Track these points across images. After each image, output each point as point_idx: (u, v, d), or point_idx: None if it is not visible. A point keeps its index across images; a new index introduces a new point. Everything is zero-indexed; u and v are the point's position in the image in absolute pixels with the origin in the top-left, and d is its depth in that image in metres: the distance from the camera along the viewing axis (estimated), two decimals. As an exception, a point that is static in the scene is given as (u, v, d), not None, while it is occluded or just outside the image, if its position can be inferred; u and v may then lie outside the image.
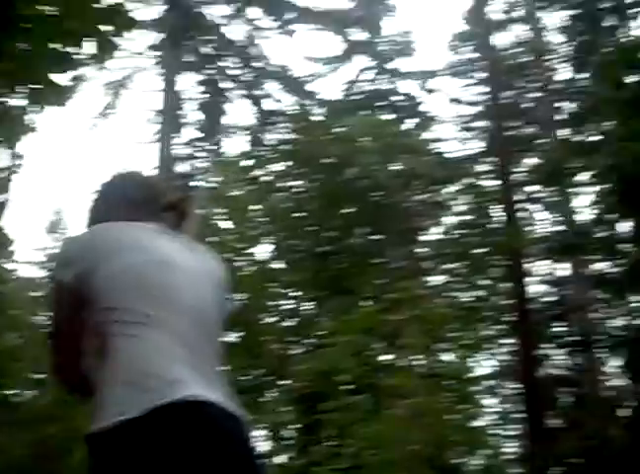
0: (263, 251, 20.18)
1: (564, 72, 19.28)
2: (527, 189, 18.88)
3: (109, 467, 1.75)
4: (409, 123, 21.24)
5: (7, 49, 2.58)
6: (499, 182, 11.86)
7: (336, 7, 18.72)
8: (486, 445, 13.61)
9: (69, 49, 2.52)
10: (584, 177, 16.38)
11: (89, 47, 2.60)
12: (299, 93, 18.38)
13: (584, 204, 17.49)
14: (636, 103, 12.09)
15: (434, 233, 19.45)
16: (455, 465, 11.69)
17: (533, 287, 18.59)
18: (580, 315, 17.44)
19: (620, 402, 16.43)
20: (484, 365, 19.01)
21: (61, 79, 2.77)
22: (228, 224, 20.10)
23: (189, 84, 17.86)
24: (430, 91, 21.96)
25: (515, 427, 18.26)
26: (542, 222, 18.67)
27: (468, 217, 19.09)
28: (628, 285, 13.98)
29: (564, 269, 18.69)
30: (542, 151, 18.11)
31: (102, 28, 2.59)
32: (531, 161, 19.00)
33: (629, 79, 13.20)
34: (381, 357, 13.34)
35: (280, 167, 19.38)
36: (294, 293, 18.72)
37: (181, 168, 17.26)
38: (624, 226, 14.59)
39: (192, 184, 17.65)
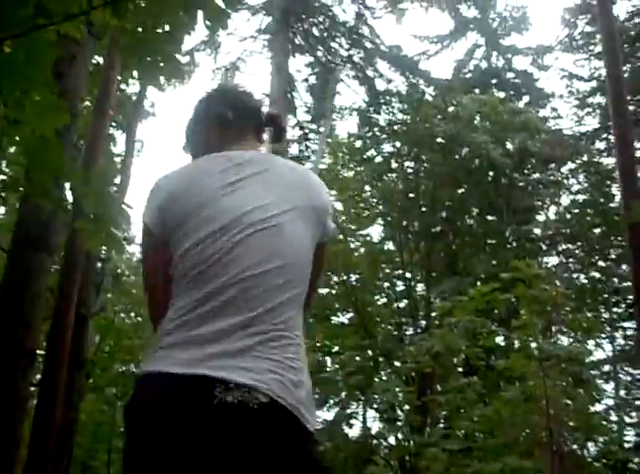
0: (375, 232, 20.18)
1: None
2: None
3: None
4: (523, 101, 20.75)
5: (122, 27, 2.64)
6: (618, 159, 11.41)
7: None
8: (604, 431, 13.23)
9: (184, 22, 2.55)
10: None
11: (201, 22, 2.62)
12: (411, 72, 18.20)
13: None
14: None
15: (550, 212, 18.98)
16: (572, 450, 11.41)
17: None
18: None
19: None
20: (602, 349, 18.50)
21: (179, 56, 2.80)
22: (340, 206, 20.18)
23: (299, 66, 17.98)
24: (544, 67, 21.39)
25: (633, 414, 17.70)
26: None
27: (586, 196, 18.54)
28: None
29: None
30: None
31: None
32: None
33: None
34: (496, 339, 13.14)
35: (391, 148, 19.29)
36: (408, 274, 18.62)
37: (293, 150, 17.40)
38: None
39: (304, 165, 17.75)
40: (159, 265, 1.96)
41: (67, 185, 3.80)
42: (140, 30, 2.71)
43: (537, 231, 17.90)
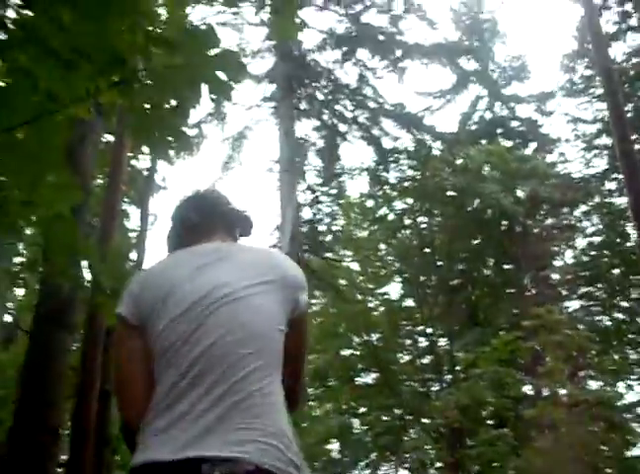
0: (393, 289, 20.15)
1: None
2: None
3: None
4: (530, 148, 20.88)
5: (129, 105, 2.73)
6: (630, 198, 11.42)
7: (444, 40, 18.68)
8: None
9: (190, 97, 2.64)
10: None
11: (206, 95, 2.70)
12: (416, 128, 18.38)
13: None
14: None
15: (567, 257, 18.91)
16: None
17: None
18: None
19: None
20: (633, 391, 18.20)
21: (187, 129, 2.88)
22: (356, 266, 20.20)
23: (306, 131, 18.18)
24: (548, 113, 21.57)
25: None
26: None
27: (601, 237, 18.49)
28: None
29: None
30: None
31: (217, 74, 2.69)
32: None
33: None
34: (523, 388, 13.01)
35: (403, 204, 19.39)
36: (429, 330, 18.55)
37: (305, 214, 17.50)
38: None
39: (318, 228, 17.84)
40: (133, 353, 2.01)
41: (84, 262, 3.87)
42: (147, 107, 2.80)
43: (556, 276, 17.82)
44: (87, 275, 4.27)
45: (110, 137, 9.13)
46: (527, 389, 14.12)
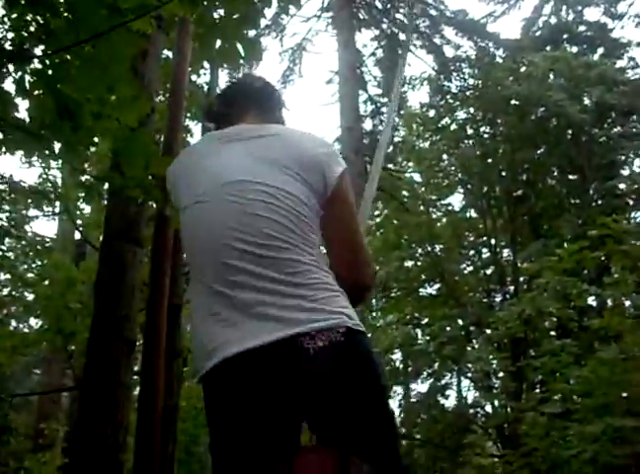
0: (456, 200, 20.04)
1: None
2: None
3: None
4: (598, 54, 20.16)
5: (198, 17, 2.71)
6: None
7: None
8: None
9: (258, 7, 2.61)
10: None
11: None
12: (478, 36, 17.88)
13: None
14: None
15: (635, 166, 18.45)
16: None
17: None
18: None
19: None
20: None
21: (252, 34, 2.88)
22: (418, 177, 20.07)
23: (365, 41, 17.87)
24: (618, 16, 20.72)
25: None
26: None
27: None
28: None
29: None
30: None
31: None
32: None
33: None
34: (588, 299, 12.92)
35: (465, 114, 19.06)
36: (492, 241, 18.45)
37: (366, 125, 17.33)
38: None
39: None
40: None
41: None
42: (216, 17, 2.78)
43: (622, 186, 17.44)
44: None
45: (169, 53, 9.09)
46: (592, 300, 14.03)
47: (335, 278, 1.98)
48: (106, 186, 5.91)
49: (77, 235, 15.16)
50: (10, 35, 2.96)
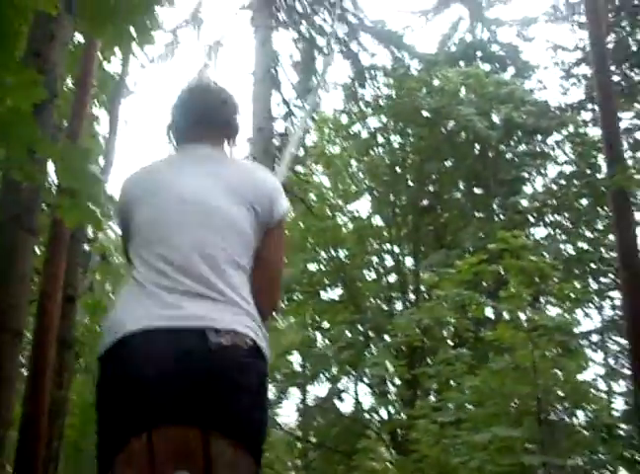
0: (363, 207, 20.18)
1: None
2: (636, 136, 18.25)
3: None
4: (508, 73, 20.68)
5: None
6: (603, 130, 11.44)
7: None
8: (593, 400, 13.34)
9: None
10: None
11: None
12: (395, 46, 18.08)
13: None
14: None
15: (537, 184, 18.98)
16: (561, 419, 11.49)
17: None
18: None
19: None
20: (591, 319, 18.59)
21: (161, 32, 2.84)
22: (327, 181, 20.14)
23: (283, 42, 17.84)
24: (529, 39, 21.31)
25: (621, 383, 17.80)
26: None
27: (572, 167, 18.54)
28: None
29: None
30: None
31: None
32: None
33: None
34: (485, 311, 13.19)
35: (377, 122, 19.23)
36: (396, 249, 18.66)
37: (278, 127, 17.28)
38: None
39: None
40: None
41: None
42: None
43: (525, 203, 17.91)
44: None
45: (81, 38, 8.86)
46: (490, 312, 14.34)
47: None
48: None
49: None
50: None
